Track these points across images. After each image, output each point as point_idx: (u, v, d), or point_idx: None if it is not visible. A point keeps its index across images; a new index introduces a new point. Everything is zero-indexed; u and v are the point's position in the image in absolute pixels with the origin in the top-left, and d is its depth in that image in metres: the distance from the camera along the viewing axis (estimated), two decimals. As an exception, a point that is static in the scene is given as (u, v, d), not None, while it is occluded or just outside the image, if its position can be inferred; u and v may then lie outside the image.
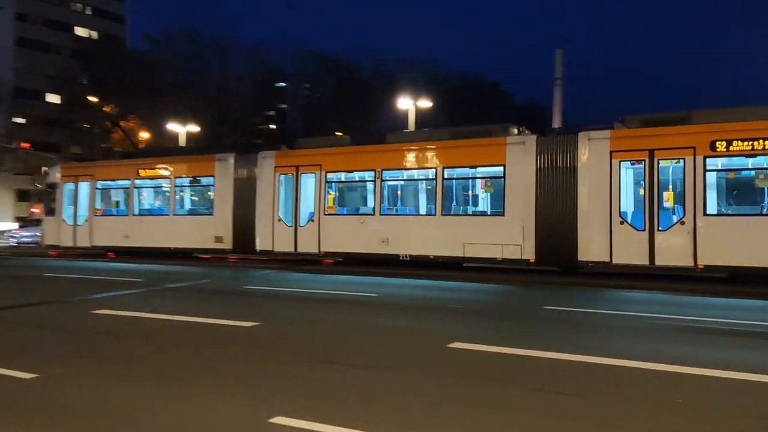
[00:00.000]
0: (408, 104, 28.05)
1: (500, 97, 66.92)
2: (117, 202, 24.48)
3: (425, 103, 29.19)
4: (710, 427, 5.09)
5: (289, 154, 20.48)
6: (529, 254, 16.10)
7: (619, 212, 15.10)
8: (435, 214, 17.47)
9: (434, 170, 17.54)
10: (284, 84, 77.97)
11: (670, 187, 14.80)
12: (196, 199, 23.20)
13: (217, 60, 53.75)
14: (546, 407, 5.49)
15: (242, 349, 7.98)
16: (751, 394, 6.05)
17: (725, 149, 14.08)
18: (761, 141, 13.71)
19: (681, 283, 14.39)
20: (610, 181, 15.19)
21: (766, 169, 14.03)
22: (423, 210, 18.18)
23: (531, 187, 16.12)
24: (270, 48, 66.45)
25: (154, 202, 24.24)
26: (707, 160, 14.24)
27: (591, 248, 15.42)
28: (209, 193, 22.24)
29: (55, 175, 25.32)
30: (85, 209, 24.31)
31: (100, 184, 24.32)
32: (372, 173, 18.57)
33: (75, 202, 24.44)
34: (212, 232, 21.45)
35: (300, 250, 19.69)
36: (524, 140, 16.48)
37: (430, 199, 17.85)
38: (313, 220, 19.42)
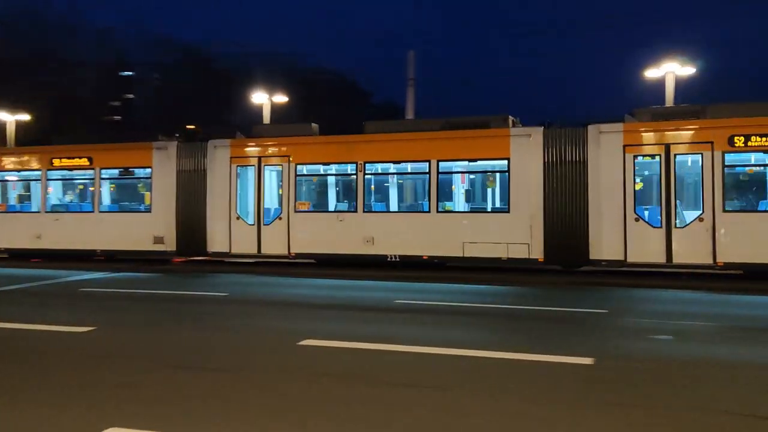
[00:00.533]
0: (263, 99, 25.78)
1: (357, 95, 66.82)
2: (23, 197, 20.67)
3: (281, 98, 26.83)
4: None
5: (248, 143, 18.07)
6: (538, 253, 15.15)
7: (634, 209, 14.55)
8: (430, 211, 16.04)
9: (428, 163, 16.09)
10: (131, 72, 71.93)
11: (687, 182, 14.47)
12: (129, 193, 19.95)
13: (62, 43, 48.66)
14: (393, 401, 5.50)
15: (77, 356, 7.25)
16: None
17: (744, 144, 13.91)
18: (780, 137, 13.65)
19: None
20: (624, 176, 14.59)
21: None
22: (415, 207, 16.70)
23: (539, 182, 15.18)
24: (121, 34, 61.15)
25: (74, 198, 20.76)
26: (726, 155, 14.02)
27: (603, 246, 14.75)
28: (145, 186, 19.25)
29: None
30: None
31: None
32: (354, 166, 16.76)
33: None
34: (150, 231, 18.55)
35: (265, 251, 17.48)
36: (530, 132, 15.46)
37: (424, 194, 16.40)
38: (280, 218, 17.29)
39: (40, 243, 19.61)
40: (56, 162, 19.88)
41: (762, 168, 14.32)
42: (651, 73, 21.47)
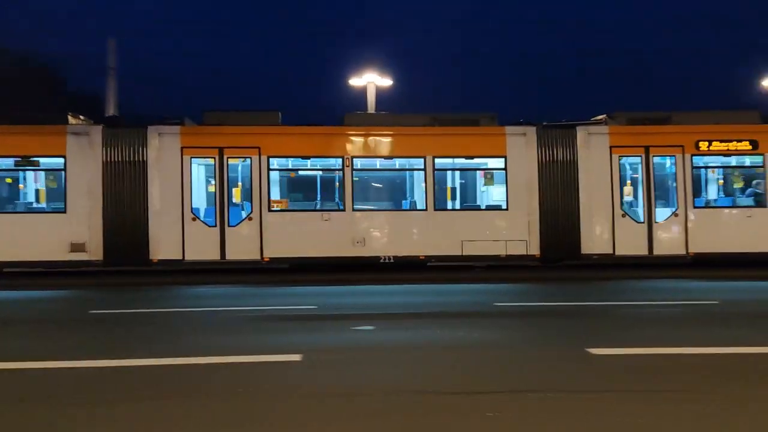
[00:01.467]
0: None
1: (49, 81, 61.17)
2: None
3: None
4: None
5: (205, 131, 15.65)
6: (535, 249, 15.58)
7: (621, 205, 15.73)
8: (427, 209, 15.50)
9: (423, 159, 15.53)
10: None
11: (664, 181, 16.05)
12: (34, 189, 15.85)
13: None
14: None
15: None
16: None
17: (707, 148, 15.89)
18: (734, 143, 15.90)
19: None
20: (611, 175, 15.68)
21: (738, 167, 16.41)
22: (410, 205, 15.95)
23: (534, 180, 15.59)
24: None
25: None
26: (693, 158, 15.88)
27: (594, 241, 15.71)
28: (56, 180, 15.50)
29: None
30: None
31: None
32: (340, 160, 15.46)
33: None
34: (66, 237, 14.97)
35: (230, 257, 15.26)
36: (525, 131, 15.81)
37: (419, 192, 15.76)
38: (251, 218, 15.26)
39: None
40: None
41: (723, 169, 16.52)
42: (354, 82, 25.33)
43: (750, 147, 15.81)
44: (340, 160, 15.46)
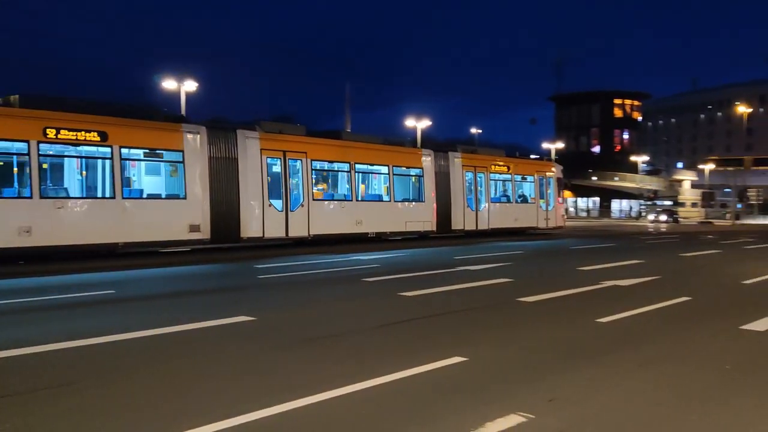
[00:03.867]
0: None
1: None
2: None
3: None
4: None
5: (275, 137, 19.96)
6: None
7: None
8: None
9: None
10: None
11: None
12: (156, 178, 17.75)
13: None
14: None
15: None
16: None
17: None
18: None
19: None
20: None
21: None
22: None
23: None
24: None
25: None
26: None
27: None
28: (174, 170, 17.68)
29: None
30: None
31: None
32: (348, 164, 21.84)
33: None
34: (186, 220, 17.39)
35: (291, 234, 20.07)
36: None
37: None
38: (303, 206, 20.32)
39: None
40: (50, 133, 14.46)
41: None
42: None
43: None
44: (348, 164, 21.75)
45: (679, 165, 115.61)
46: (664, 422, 4.57)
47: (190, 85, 27.19)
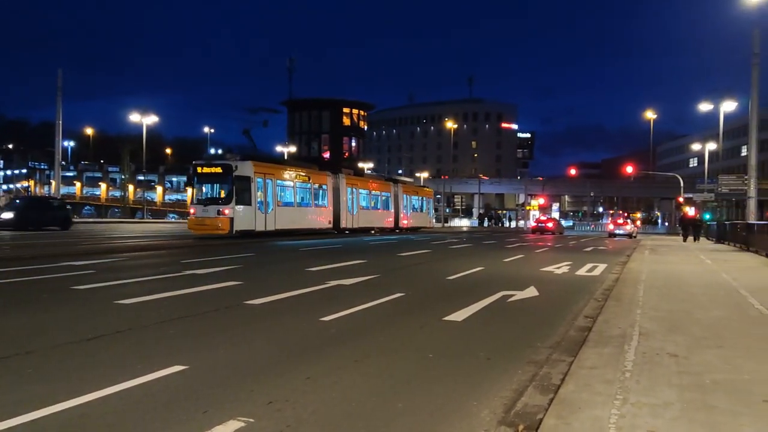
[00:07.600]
0: None
1: None
2: None
3: None
4: None
5: (354, 177, 44.46)
6: None
7: None
8: None
9: None
10: None
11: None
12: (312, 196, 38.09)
13: None
14: None
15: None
16: None
17: None
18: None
19: None
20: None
21: None
22: None
23: None
24: None
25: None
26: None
27: None
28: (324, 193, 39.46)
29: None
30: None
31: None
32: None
33: None
34: (326, 218, 39.45)
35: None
36: None
37: None
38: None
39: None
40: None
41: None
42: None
43: None
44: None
45: (399, 172, 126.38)
46: (376, 412, 4.86)
47: None
